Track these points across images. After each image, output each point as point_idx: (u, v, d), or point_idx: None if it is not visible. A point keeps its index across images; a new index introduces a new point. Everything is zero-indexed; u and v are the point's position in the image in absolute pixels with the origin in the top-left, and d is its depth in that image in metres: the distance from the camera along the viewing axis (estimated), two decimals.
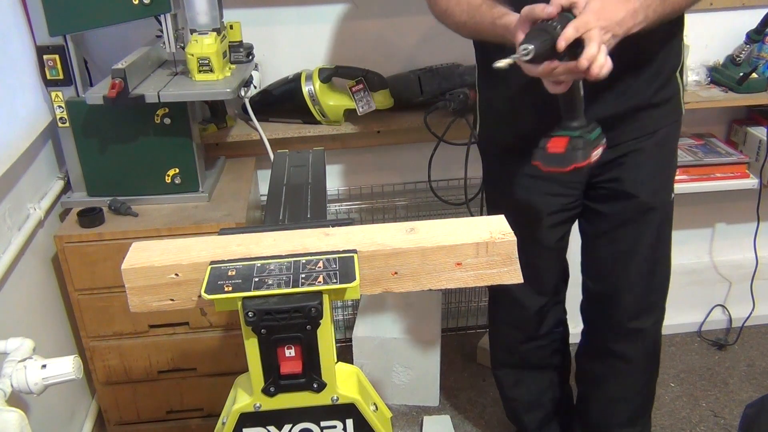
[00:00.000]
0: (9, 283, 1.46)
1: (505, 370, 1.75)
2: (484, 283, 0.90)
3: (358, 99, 1.83)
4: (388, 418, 1.00)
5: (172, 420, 1.83)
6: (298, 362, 0.86)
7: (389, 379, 2.08)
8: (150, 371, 1.75)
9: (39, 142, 1.65)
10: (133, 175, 1.68)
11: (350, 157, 2.10)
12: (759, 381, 2.18)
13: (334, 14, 1.92)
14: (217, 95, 1.56)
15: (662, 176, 1.41)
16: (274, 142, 1.85)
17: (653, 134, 1.36)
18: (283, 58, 1.94)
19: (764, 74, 1.92)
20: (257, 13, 1.89)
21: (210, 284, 0.83)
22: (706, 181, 2.00)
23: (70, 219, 1.64)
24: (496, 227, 0.91)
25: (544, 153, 1.15)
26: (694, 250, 2.36)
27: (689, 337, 2.37)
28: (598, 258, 1.51)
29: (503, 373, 1.76)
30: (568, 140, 1.13)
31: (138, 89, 1.53)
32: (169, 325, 1.70)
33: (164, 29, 1.56)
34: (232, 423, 0.91)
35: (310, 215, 1.10)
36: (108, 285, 1.62)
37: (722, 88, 1.96)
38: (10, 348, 1.22)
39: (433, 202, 2.07)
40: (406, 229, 0.92)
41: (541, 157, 1.16)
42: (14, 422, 1.07)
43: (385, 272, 0.89)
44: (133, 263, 0.88)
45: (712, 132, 2.17)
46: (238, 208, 1.69)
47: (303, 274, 0.84)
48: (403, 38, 1.96)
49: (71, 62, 1.59)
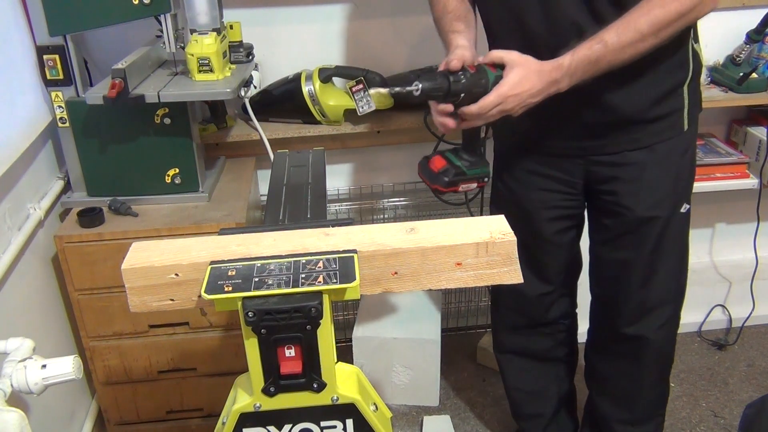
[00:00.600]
0: (9, 283, 1.46)
1: (507, 356, 1.76)
2: (484, 283, 0.91)
3: (358, 99, 1.83)
4: (388, 418, 1.00)
5: (172, 420, 1.83)
6: (298, 362, 0.86)
7: (389, 379, 2.08)
8: (150, 371, 1.75)
9: (39, 142, 1.65)
10: (133, 175, 1.68)
11: (350, 157, 2.10)
12: (759, 381, 2.18)
13: (334, 14, 1.92)
14: (217, 95, 1.56)
15: (664, 190, 1.39)
16: (274, 142, 1.85)
17: (650, 148, 1.35)
18: (283, 58, 1.94)
19: (764, 74, 1.92)
20: (257, 13, 1.89)
21: (210, 284, 0.83)
22: (706, 181, 2.00)
23: (70, 219, 1.64)
24: (496, 227, 0.91)
25: (425, 162, 1.33)
26: (694, 250, 2.34)
27: (689, 337, 2.37)
28: (600, 264, 1.54)
29: (506, 358, 1.76)
30: (445, 164, 1.30)
31: (138, 89, 1.53)
32: (169, 325, 1.70)
33: (164, 29, 1.56)
34: (232, 423, 0.91)
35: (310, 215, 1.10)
36: (108, 285, 1.62)
37: (722, 88, 1.96)
38: (10, 348, 1.22)
39: (433, 202, 2.07)
40: (406, 229, 0.92)
41: (422, 164, 1.33)
42: (14, 422, 1.07)
43: (385, 272, 0.89)
44: (133, 263, 0.88)
45: (712, 132, 2.17)
46: (238, 208, 1.69)
47: (303, 274, 0.84)
48: (403, 38, 1.96)
49: (71, 62, 1.59)
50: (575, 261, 1.64)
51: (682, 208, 1.43)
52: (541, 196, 1.48)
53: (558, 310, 1.65)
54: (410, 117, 1.92)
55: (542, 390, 1.76)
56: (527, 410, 1.80)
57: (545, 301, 1.62)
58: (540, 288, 1.60)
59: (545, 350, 1.71)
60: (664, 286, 1.49)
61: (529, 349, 1.71)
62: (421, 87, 1.14)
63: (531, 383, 1.76)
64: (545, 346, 1.70)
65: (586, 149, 1.38)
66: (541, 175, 1.46)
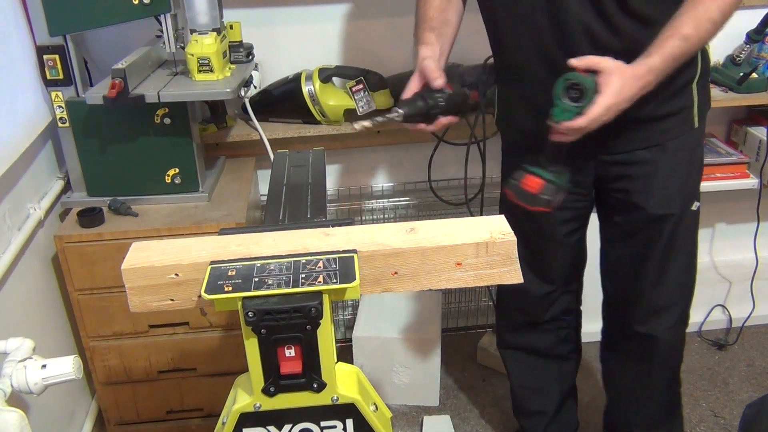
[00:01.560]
0: (9, 283, 1.46)
1: (510, 351, 1.76)
2: (484, 283, 0.90)
3: (358, 99, 1.83)
4: (388, 418, 1.00)
5: (172, 420, 1.83)
6: (298, 362, 0.86)
7: (389, 379, 2.08)
8: (150, 371, 1.75)
9: (39, 142, 1.65)
10: (133, 175, 1.68)
11: (350, 157, 2.10)
12: (759, 381, 2.18)
13: (334, 14, 1.92)
14: (217, 95, 1.56)
15: (676, 187, 1.39)
16: (274, 142, 1.85)
17: (661, 146, 1.35)
18: (283, 58, 1.94)
19: (764, 74, 1.92)
20: (257, 13, 1.89)
21: (210, 284, 0.83)
22: (706, 181, 1.99)
23: (70, 219, 1.64)
24: (496, 227, 0.91)
25: (517, 186, 1.25)
26: None
27: (689, 337, 2.32)
28: (613, 262, 1.54)
29: (509, 354, 1.77)
30: (543, 184, 1.23)
31: (138, 89, 1.53)
32: (169, 325, 1.70)
33: (164, 29, 1.56)
34: (232, 423, 0.91)
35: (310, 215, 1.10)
36: (108, 285, 1.62)
37: (722, 88, 1.96)
38: (10, 348, 1.22)
39: (433, 202, 2.07)
40: (406, 229, 0.92)
41: (514, 189, 1.25)
42: (14, 422, 1.07)
43: (385, 272, 0.89)
44: (133, 263, 0.88)
45: (712, 132, 2.17)
46: (238, 208, 1.69)
47: (303, 274, 0.84)
48: (403, 38, 1.96)
49: (71, 62, 1.59)
50: (580, 258, 1.64)
51: (693, 206, 1.43)
52: None
53: (559, 307, 1.65)
54: None
55: (545, 387, 1.77)
56: (530, 407, 1.80)
57: (548, 300, 1.63)
58: (543, 289, 1.60)
59: (548, 347, 1.71)
60: (675, 285, 1.50)
61: (533, 346, 1.72)
62: (402, 113, 1.20)
63: (534, 379, 1.76)
64: (548, 343, 1.71)
65: (597, 149, 1.37)
66: None
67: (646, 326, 1.52)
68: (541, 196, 1.23)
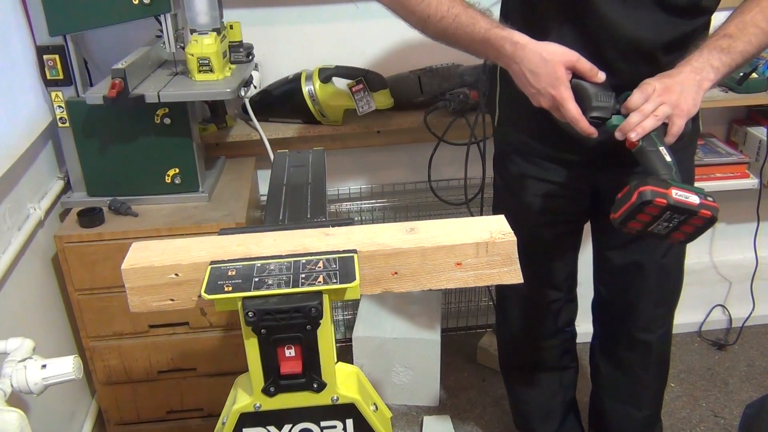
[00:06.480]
0: (9, 283, 1.46)
1: (515, 373, 1.74)
2: (484, 283, 0.90)
3: (358, 99, 1.83)
4: (388, 418, 1.00)
5: (172, 420, 1.83)
6: (298, 362, 0.86)
7: (389, 379, 2.08)
8: (150, 371, 1.75)
9: (39, 142, 1.65)
10: (133, 175, 1.68)
11: (350, 157, 2.10)
12: (759, 381, 2.18)
13: (334, 14, 1.92)
14: (217, 95, 1.56)
15: None
16: (274, 142, 1.85)
17: None
18: (283, 58, 1.94)
19: (764, 74, 1.92)
20: (257, 13, 1.89)
21: (210, 284, 0.83)
22: (706, 182, 2.00)
23: (70, 219, 1.64)
24: (496, 227, 0.91)
25: None
26: (694, 250, 2.36)
27: (689, 337, 2.37)
28: (611, 268, 1.51)
29: (513, 376, 1.74)
30: (687, 192, 1.05)
31: (138, 89, 1.53)
32: (169, 325, 1.70)
33: (164, 29, 1.56)
34: (232, 423, 0.91)
35: (310, 215, 1.10)
36: (108, 285, 1.62)
37: (722, 88, 1.95)
38: (10, 348, 1.22)
39: (433, 202, 2.07)
40: (406, 229, 0.92)
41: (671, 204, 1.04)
42: (14, 422, 1.07)
43: (385, 272, 0.89)
44: (133, 263, 0.87)
45: (712, 132, 2.17)
46: (238, 208, 1.69)
47: (303, 274, 0.84)
48: (403, 38, 1.96)
49: (71, 62, 1.59)
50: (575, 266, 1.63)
51: None
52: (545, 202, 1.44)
53: (565, 317, 1.63)
54: (410, 117, 1.92)
55: (549, 401, 1.73)
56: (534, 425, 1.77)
57: (554, 310, 1.60)
58: (551, 296, 1.58)
59: (552, 360, 1.69)
60: (670, 291, 1.50)
61: (538, 363, 1.69)
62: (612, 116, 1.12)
63: (539, 396, 1.73)
64: (552, 357, 1.68)
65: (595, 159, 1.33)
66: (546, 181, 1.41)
67: (645, 332, 1.51)
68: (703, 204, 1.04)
